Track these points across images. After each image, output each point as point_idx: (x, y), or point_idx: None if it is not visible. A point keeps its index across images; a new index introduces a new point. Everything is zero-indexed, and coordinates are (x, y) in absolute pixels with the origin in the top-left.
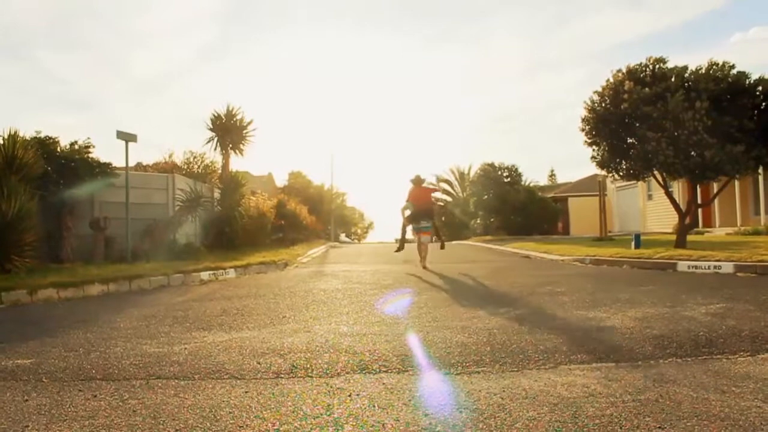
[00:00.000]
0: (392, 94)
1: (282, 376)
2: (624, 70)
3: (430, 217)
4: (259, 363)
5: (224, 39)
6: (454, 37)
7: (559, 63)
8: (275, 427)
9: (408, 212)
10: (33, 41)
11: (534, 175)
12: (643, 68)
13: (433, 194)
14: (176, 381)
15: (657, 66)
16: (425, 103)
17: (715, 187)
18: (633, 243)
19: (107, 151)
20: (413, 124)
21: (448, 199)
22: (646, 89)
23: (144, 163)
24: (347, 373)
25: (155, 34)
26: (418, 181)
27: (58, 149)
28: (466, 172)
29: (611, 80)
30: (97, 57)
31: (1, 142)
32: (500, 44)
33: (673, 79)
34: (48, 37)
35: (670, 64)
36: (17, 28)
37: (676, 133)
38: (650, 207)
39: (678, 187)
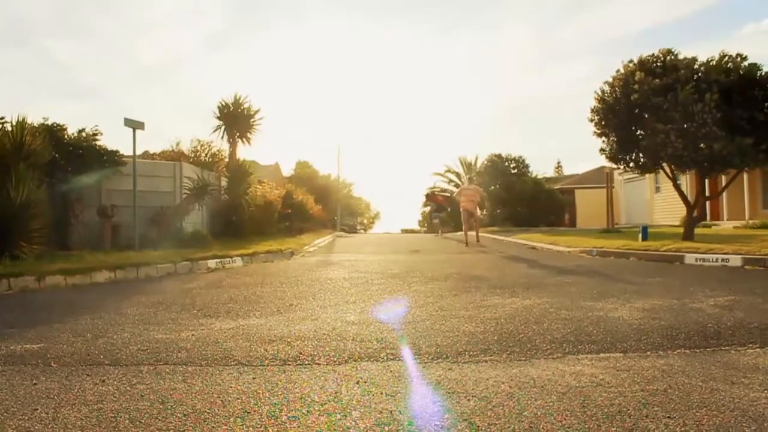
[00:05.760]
0: (400, 84)
1: (289, 363)
2: (635, 61)
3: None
4: (266, 350)
5: (232, 28)
6: (463, 27)
7: (568, 54)
8: (283, 414)
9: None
10: (39, 29)
11: (541, 167)
12: (655, 59)
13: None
14: (184, 367)
15: (668, 57)
16: (433, 93)
17: (724, 179)
18: (640, 235)
19: (114, 140)
20: (421, 114)
21: (455, 189)
22: (657, 80)
23: (151, 152)
24: (354, 360)
25: (162, 22)
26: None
27: (66, 136)
28: (473, 162)
29: (622, 71)
30: (104, 45)
31: (10, 129)
32: (509, 35)
33: (683, 71)
34: (54, 25)
35: (681, 56)
36: (23, 16)
37: (685, 125)
38: (658, 199)
39: (686, 180)
